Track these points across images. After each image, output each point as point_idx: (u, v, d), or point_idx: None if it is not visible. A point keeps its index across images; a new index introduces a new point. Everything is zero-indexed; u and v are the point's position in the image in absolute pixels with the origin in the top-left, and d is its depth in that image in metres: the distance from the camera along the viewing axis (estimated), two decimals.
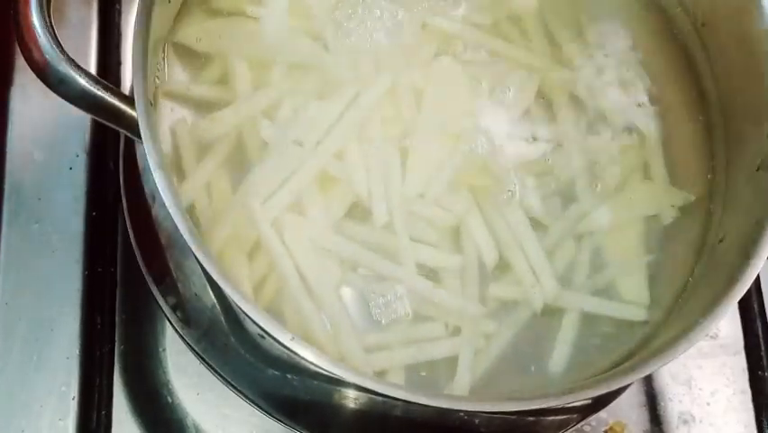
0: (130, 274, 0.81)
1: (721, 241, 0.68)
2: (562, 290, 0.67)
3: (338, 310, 0.64)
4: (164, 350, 0.80)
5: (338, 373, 0.54)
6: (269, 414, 0.69)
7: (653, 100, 0.74)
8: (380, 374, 0.63)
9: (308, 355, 0.54)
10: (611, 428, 0.79)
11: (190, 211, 0.64)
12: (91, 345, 0.78)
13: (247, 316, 0.54)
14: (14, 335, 0.77)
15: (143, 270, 0.72)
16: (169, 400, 0.79)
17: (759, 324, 0.86)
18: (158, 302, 0.71)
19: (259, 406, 0.69)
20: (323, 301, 0.64)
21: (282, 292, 0.64)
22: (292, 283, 0.63)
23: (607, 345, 0.67)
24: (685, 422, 0.83)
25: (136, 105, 0.57)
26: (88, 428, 0.77)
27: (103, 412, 0.78)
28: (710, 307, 0.60)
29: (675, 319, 0.67)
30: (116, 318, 0.81)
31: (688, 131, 0.74)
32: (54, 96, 0.59)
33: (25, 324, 0.78)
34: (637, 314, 0.68)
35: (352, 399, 0.63)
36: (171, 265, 0.69)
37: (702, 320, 0.59)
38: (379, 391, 0.54)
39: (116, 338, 0.80)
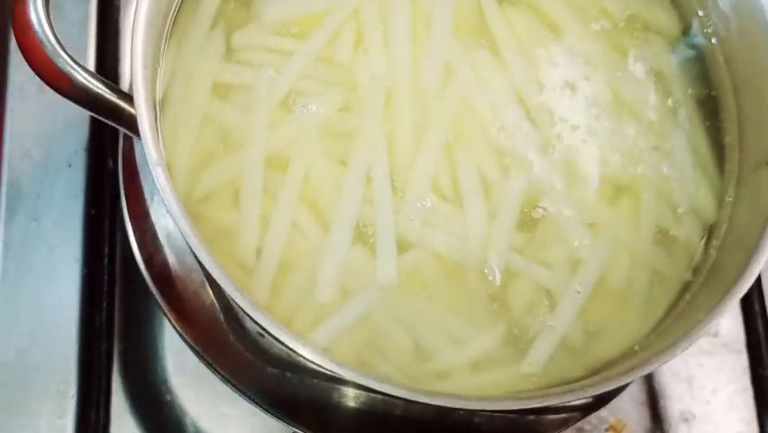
0: (129, 272, 0.81)
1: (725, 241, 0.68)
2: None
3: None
4: (163, 348, 0.80)
5: (338, 372, 0.54)
6: (269, 412, 0.68)
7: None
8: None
9: (308, 354, 0.54)
10: (612, 427, 0.79)
11: None
12: (90, 343, 0.78)
13: (246, 314, 0.54)
14: (13, 332, 0.77)
15: (142, 268, 0.72)
16: (168, 399, 0.79)
17: (760, 322, 0.85)
18: (156, 300, 0.70)
19: (258, 404, 0.69)
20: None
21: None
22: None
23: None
24: (686, 420, 0.82)
25: (135, 102, 0.56)
26: (87, 427, 0.76)
27: (101, 411, 0.77)
28: (711, 305, 0.60)
29: (676, 318, 0.67)
30: (115, 317, 0.80)
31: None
32: (52, 93, 0.58)
33: (24, 322, 0.77)
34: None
35: (351, 397, 0.63)
36: (170, 263, 0.68)
37: (703, 318, 0.59)
38: (379, 389, 0.54)
39: (115, 337, 0.80)
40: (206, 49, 0.69)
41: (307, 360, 0.54)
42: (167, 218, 0.68)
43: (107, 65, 0.87)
